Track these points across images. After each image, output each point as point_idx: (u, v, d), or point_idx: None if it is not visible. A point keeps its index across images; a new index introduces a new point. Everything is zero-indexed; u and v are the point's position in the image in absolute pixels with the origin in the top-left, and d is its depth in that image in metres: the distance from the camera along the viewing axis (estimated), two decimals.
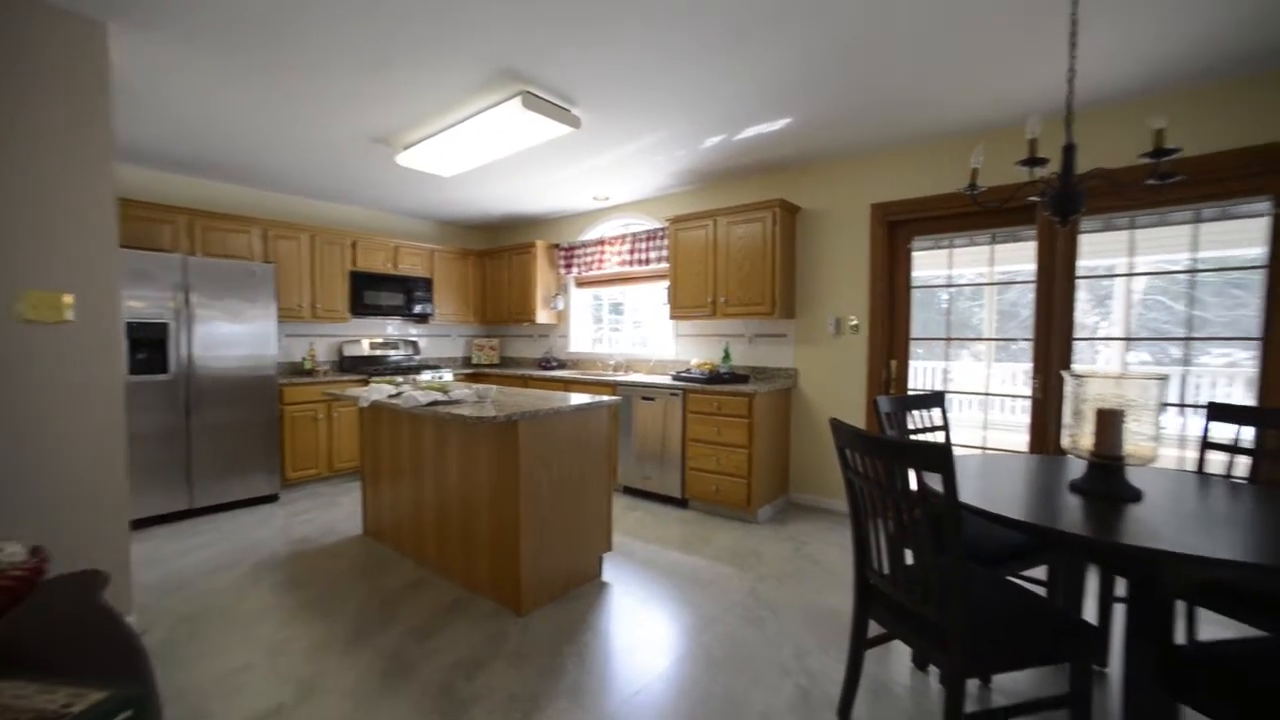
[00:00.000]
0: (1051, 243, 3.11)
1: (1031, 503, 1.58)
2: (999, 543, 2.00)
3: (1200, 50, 2.32)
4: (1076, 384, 1.74)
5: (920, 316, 3.67)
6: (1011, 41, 2.24)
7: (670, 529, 3.52)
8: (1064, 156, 1.62)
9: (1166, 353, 3.04)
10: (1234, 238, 2.75)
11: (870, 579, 1.65)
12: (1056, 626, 1.47)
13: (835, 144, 3.47)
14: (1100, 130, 2.83)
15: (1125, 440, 1.61)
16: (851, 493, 1.63)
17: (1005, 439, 3.46)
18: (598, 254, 5.04)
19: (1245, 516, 1.45)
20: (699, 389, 3.77)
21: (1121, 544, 1.26)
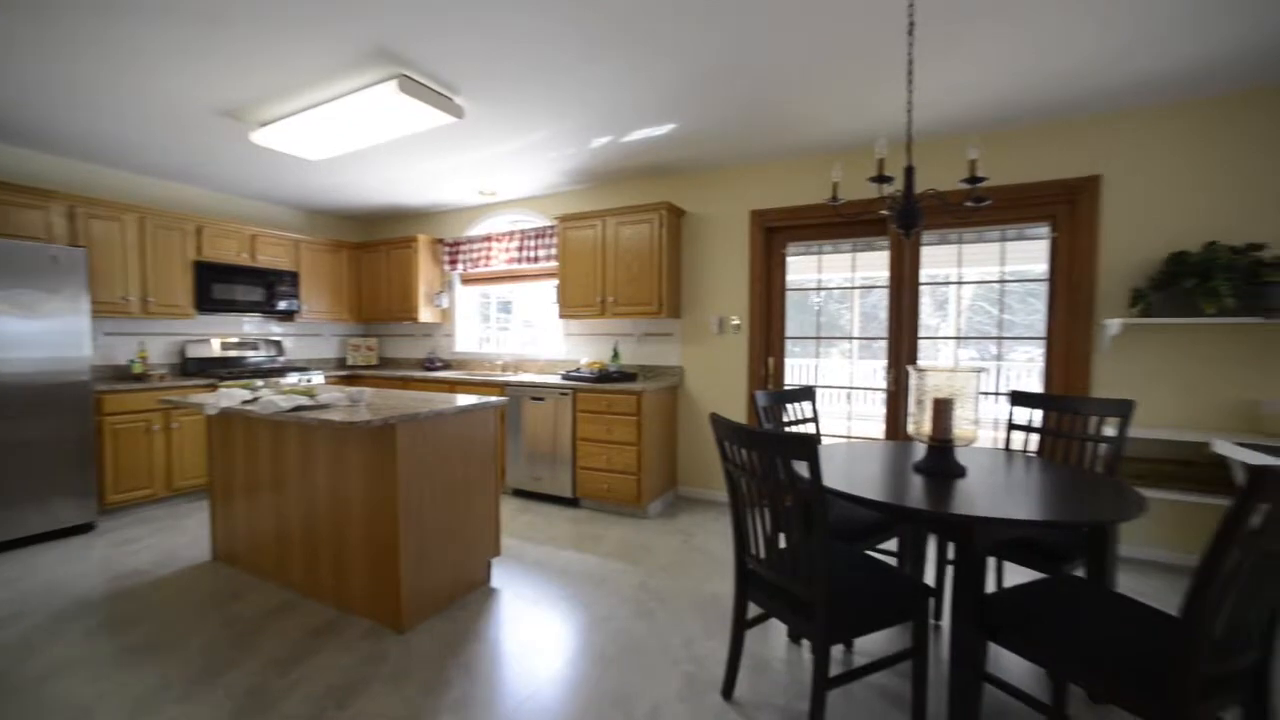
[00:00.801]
0: (901, 253, 3.52)
1: (883, 483, 1.77)
2: (859, 521, 2.22)
3: (1007, 99, 2.75)
4: (918, 377, 1.99)
5: (797, 317, 3.97)
6: (864, 77, 2.50)
7: (562, 529, 3.50)
8: (905, 177, 1.85)
9: (988, 350, 3.58)
10: (1030, 255, 3.30)
11: (749, 564, 1.76)
12: (903, 591, 1.67)
13: (718, 152, 3.65)
14: (934, 156, 3.25)
15: (954, 425, 1.87)
16: (731, 483, 1.73)
17: (867, 428, 3.86)
18: (484, 251, 4.87)
19: (1035, 484, 1.75)
20: (589, 388, 3.78)
21: (948, 513, 1.46)
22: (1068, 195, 3.06)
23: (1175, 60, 2.41)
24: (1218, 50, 2.33)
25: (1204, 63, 2.43)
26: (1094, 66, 2.46)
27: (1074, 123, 3.03)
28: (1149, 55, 2.37)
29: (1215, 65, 2.45)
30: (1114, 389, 2.97)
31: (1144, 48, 2.31)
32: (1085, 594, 1.60)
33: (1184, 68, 2.48)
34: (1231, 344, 2.78)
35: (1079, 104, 2.85)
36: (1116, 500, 1.57)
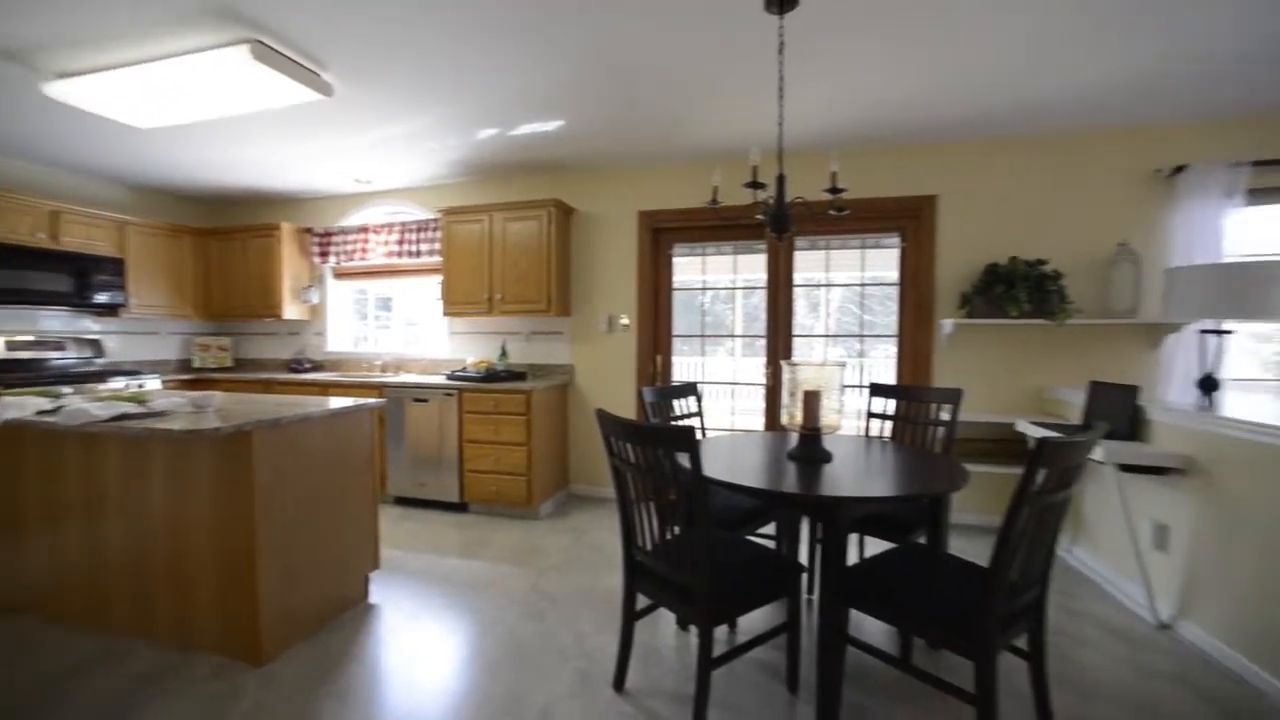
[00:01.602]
0: (776, 257, 3.79)
1: (760, 471, 1.90)
2: (740, 508, 2.36)
3: (863, 121, 3.07)
4: (791, 372, 2.15)
5: (685, 316, 4.12)
6: (741, 90, 2.66)
7: (448, 536, 3.35)
8: (777, 184, 2.00)
9: (854, 347, 3.97)
10: (885, 262, 3.70)
11: (636, 556, 1.80)
12: (778, 570, 1.80)
13: (607, 152, 3.68)
14: (802, 168, 3.48)
15: (822, 415, 2.05)
16: (618, 478, 1.76)
17: (749, 421, 4.11)
18: (360, 242, 4.51)
19: (887, 464, 1.98)
20: (476, 388, 3.65)
21: (814, 495, 1.60)
22: (913, 211, 3.48)
23: (989, 107, 2.83)
24: (1022, 101, 2.77)
25: (1011, 111, 2.88)
26: (931, 102, 2.82)
27: (917, 148, 3.45)
28: (971, 100, 2.76)
29: (1020, 114, 2.92)
30: (949, 379, 3.42)
31: (967, 93, 2.69)
32: (925, 558, 1.83)
33: (996, 114, 2.92)
34: (1027, 341, 3.33)
35: (921, 132, 3.26)
36: (949, 475, 1.81)
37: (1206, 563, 2.15)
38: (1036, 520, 1.43)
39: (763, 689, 1.93)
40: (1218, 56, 2.39)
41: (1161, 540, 2.36)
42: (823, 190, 2.06)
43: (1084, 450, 1.43)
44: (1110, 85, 2.66)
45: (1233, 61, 2.43)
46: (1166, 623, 2.31)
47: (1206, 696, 1.89)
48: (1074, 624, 2.36)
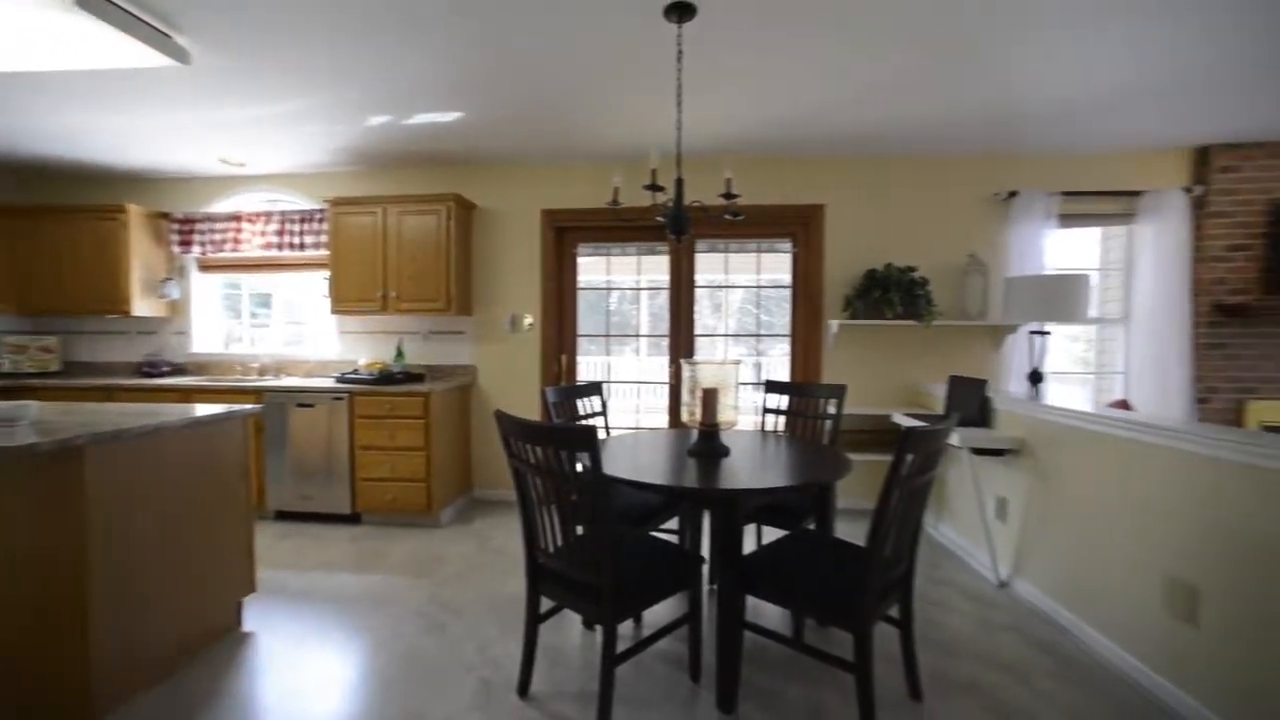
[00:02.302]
0: (679, 258, 3.90)
1: (661, 468, 1.95)
2: (644, 505, 2.40)
3: (759, 131, 3.24)
4: (690, 370, 2.23)
5: (591, 316, 4.12)
6: (643, 95, 2.71)
7: (339, 550, 3.11)
8: (676, 188, 2.06)
9: (754, 346, 4.18)
10: (779, 265, 3.94)
11: (539, 558, 1.79)
12: (680, 563, 1.86)
13: (510, 148, 3.59)
14: (700, 173, 3.53)
15: (720, 411, 2.14)
16: (518, 479, 1.73)
17: (654, 419, 4.20)
18: (232, 232, 4.05)
19: (780, 457, 2.11)
20: (369, 391, 3.42)
21: (710, 489, 1.68)
22: (804, 218, 3.73)
23: (867, 127, 3.11)
24: (891, 125, 3.06)
25: (884, 132, 3.18)
26: (817, 119, 3.04)
27: (808, 160, 3.70)
28: (850, 120, 3.01)
29: (892, 136, 3.23)
30: (837, 376, 3.71)
31: (847, 114, 2.93)
32: (813, 543, 1.98)
33: (873, 134, 3.21)
34: (901, 340, 3.70)
35: (810, 145, 3.50)
36: (833, 465, 1.97)
37: (1033, 528, 2.52)
38: (906, 501, 1.60)
39: (667, 679, 1.99)
40: (1031, 101, 2.79)
41: (1002, 511, 2.73)
42: (718, 195, 2.15)
43: (942, 437, 1.62)
44: (956, 119, 3.03)
45: (1044, 108, 2.87)
46: (1005, 581, 2.67)
47: (1033, 641, 2.21)
48: (937, 591, 2.65)
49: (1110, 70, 2.53)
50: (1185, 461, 1.80)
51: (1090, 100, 2.83)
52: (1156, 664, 1.89)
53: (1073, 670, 2.04)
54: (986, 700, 1.88)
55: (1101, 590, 2.13)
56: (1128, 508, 2.02)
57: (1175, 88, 2.72)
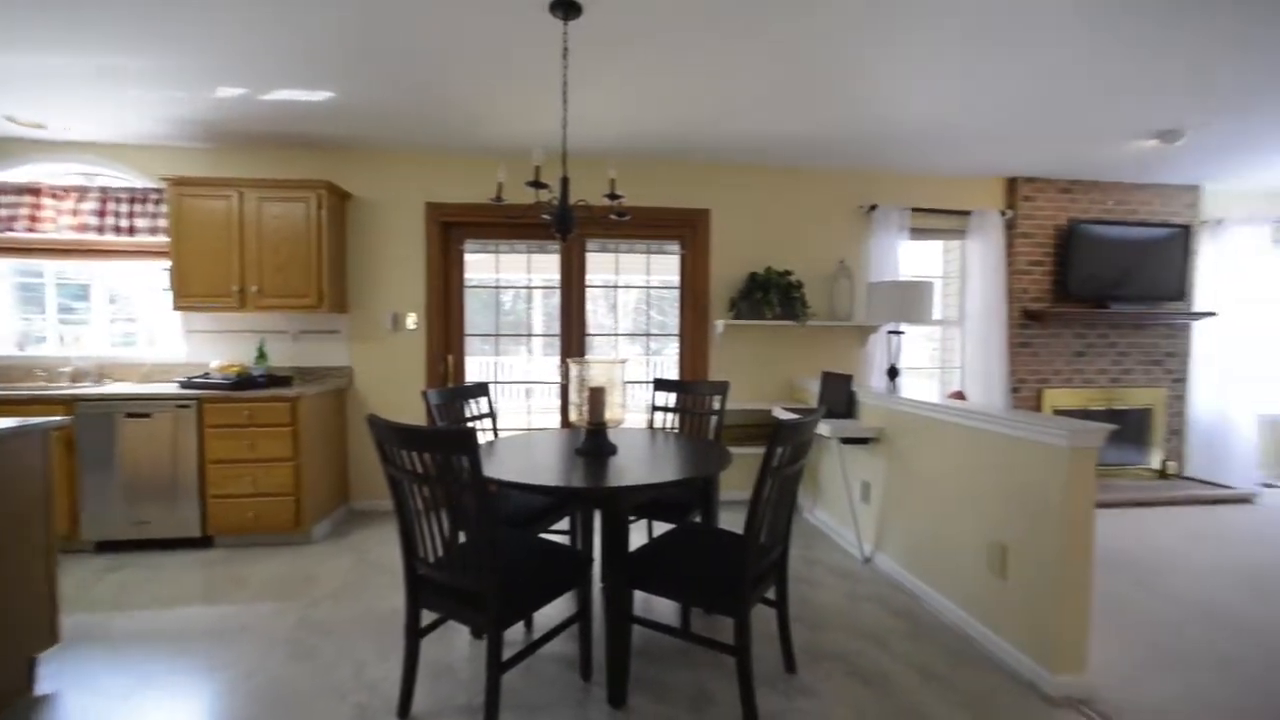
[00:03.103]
0: (570, 257, 3.89)
1: (547, 469, 1.94)
2: (533, 507, 2.37)
3: (646, 133, 3.32)
4: (577, 369, 2.24)
5: (483, 315, 3.98)
6: (529, 90, 2.67)
7: (182, 581, 2.74)
8: (561, 186, 2.05)
9: (649, 345, 4.26)
10: (669, 267, 4.07)
11: (419, 569, 1.70)
12: (568, 564, 1.86)
13: (390, 136, 3.37)
14: (587, 173, 3.42)
15: (607, 410, 2.17)
16: (394, 486, 1.63)
17: (548, 419, 4.14)
18: (28, 207, 3.39)
19: (667, 453, 2.18)
20: (223, 397, 3.05)
21: (592, 487, 1.69)
22: (690, 222, 3.88)
23: (746, 137, 3.30)
24: (766, 136, 3.28)
25: (763, 142, 3.39)
26: (699, 124, 3.18)
27: (694, 165, 3.85)
28: (730, 128, 3.18)
29: (770, 146, 3.45)
30: (723, 373, 3.90)
31: (725, 123, 3.09)
32: (697, 535, 2.07)
33: (754, 143, 3.41)
34: (780, 339, 3.97)
35: (696, 151, 3.64)
36: (715, 459, 2.07)
37: (890, 507, 2.82)
38: (779, 490, 1.72)
39: (558, 681, 1.98)
40: (886, 126, 3.14)
41: (866, 494, 3.03)
42: (603, 195, 2.18)
43: (810, 430, 1.76)
44: (825, 136, 3.32)
45: (897, 133, 3.23)
46: (869, 557, 2.97)
47: (891, 609, 2.47)
48: (811, 570, 2.88)
49: (948, 107, 2.90)
50: (1000, 442, 2.11)
51: (933, 130, 3.22)
52: (981, 615, 2.20)
53: (921, 630, 2.31)
54: (851, 666, 2.07)
55: (942, 558, 2.44)
56: (961, 484, 2.32)
57: (994, 127, 3.18)
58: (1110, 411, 4.35)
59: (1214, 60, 2.44)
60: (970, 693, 1.92)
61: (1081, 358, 4.35)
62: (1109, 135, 3.34)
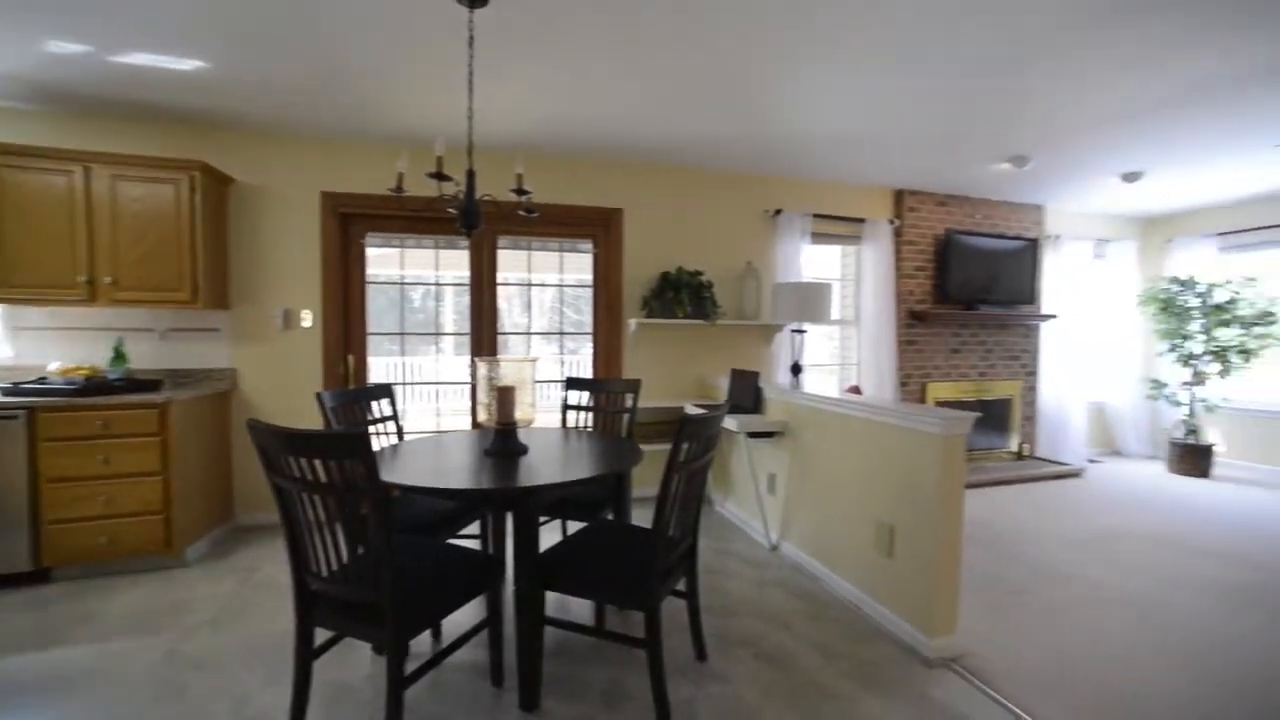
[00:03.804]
0: (480, 254, 3.76)
1: (453, 471, 1.86)
2: (440, 511, 2.27)
3: (557, 129, 3.29)
4: (486, 369, 2.17)
5: (391, 313, 3.75)
6: (432, 77, 2.55)
7: (6, 624, 2.34)
8: (467, 179, 1.98)
9: (564, 344, 4.21)
10: (582, 265, 4.05)
11: (311, 584, 1.57)
12: (475, 568, 1.80)
13: (279, 116, 3.09)
14: (500, 167, 3.38)
15: (516, 410, 2.12)
16: (281, 497, 1.50)
17: (459, 421, 3.99)
18: None
19: (578, 452, 2.17)
20: (64, 405, 2.65)
21: (499, 488, 1.65)
22: (603, 221, 3.88)
23: (657, 138, 3.36)
24: (674, 139, 3.36)
25: (673, 145, 3.47)
26: (610, 123, 3.20)
27: (607, 163, 3.86)
28: (640, 129, 3.23)
29: (680, 148, 3.54)
30: (636, 372, 3.94)
31: (639, 121, 3.13)
32: (609, 533, 2.07)
33: (664, 144, 3.48)
34: (692, 338, 4.08)
35: (609, 149, 3.65)
36: (626, 455, 2.08)
37: (793, 497, 2.99)
38: (686, 484, 1.77)
39: (468, 690, 1.91)
40: (790, 136, 3.32)
41: (772, 485, 3.18)
42: (509, 190, 2.13)
43: (714, 425, 1.82)
44: (732, 140, 3.45)
45: (800, 142, 3.43)
46: (775, 545, 3.12)
47: (795, 592, 2.62)
48: (721, 561, 2.99)
49: (846, 122, 3.12)
50: (887, 432, 2.30)
51: (833, 142, 3.45)
52: (872, 591, 2.39)
53: (820, 610, 2.46)
54: (758, 649, 2.17)
55: (839, 541, 2.62)
56: (856, 472, 2.51)
57: (885, 143, 3.47)
58: (980, 402, 4.88)
59: (1048, 99, 2.81)
60: (863, 663, 2.07)
61: (957, 354, 4.84)
62: (974, 157, 3.74)
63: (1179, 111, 2.99)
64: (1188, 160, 3.78)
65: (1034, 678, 1.97)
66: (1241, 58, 2.46)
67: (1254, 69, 2.55)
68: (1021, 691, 1.89)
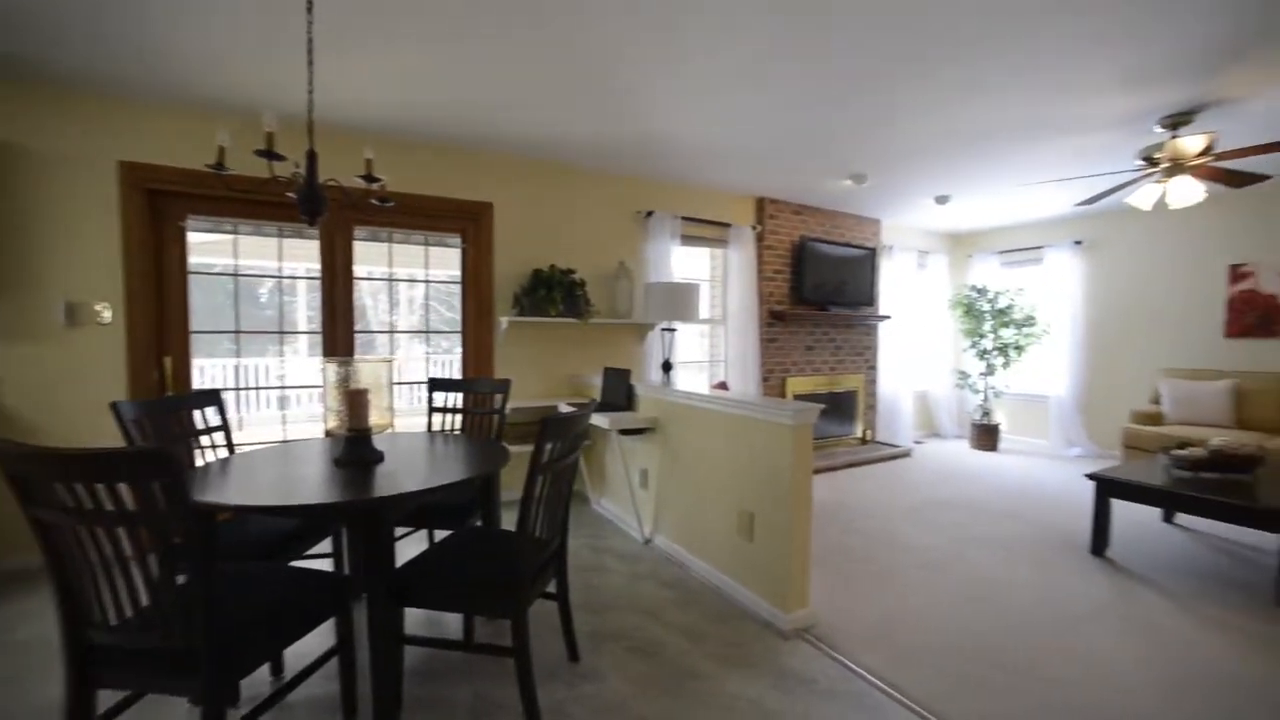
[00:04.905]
0: (331, 245, 3.41)
1: (296, 485, 1.66)
2: (282, 532, 2.02)
3: (404, 116, 3.08)
4: (337, 370, 1.97)
5: (229, 310, 3.25)
6: (262, 37, 2.26)
7: None
8: (308, 161, 1.77)
9: (436, 344, 3.94)
10: (450, 261, 3.85)
11: (95, 638, 1.30)
12: (319, 592, 1.62)
13: (59, 64, 2.53)
14: (348, 151, 3.16)
15: (372, 414, 1.95)
16: (44, 534, 1.23)
17: (313, 429, 3.58)
18: None
19: (440, 457, 2.05)
20: None
21: (349, 501, 1.51)
22: (472, 214, 3.71)
23: (527, 133, 3.29)
24: (548, 131, 3.31)
25: (544, 141, 3.42)
26: (478, 113, 3.06)
27: (477, 155, 3.70)
28: (514, 124, 3.13)
29: (553, 145, 3.49)
30: (509, 372, 3.82)
31: (510, 113, 3.04)
32: (472, 539, 1.98)
33: (535, 140, 3.41)
34: (565, 337, 4.06)
35: (478, 141, 3.50)
36: (491, 458, 2.00)
37: (665, 490, 3.09)
38: (552, 484, 1.74)
39: None
40: (660, 139, 3.43)
41: (645, 481, 3.26)
42: (357, 177, 1.95)
43: (579, 423, 1.82)
44: (602, 140, 3.48)
45: (670, 146, 3.55)
46: (649, 539, 3.21)
47: (666, 583, 2.71)
48: (596, 558, 3.00)
49: (715, 130, 3.27)
50: (748, 424, 2.46)
51: (703, 148, 3.61)
52: (736, 575, 2.54)
53: (689, 598, 2.57)
54: (630, 642, 2.21)
55: (706, 529, 2.75)
56: (720, 463, 2.64)
57: (746, 153, 3.70)
58: (831, 394, 5.41)
59: (878, 127, 3.19)
60: (727, 642, 2.20)
61: (812, 351, 5.32)
62: (822, 173, 4.14)
63: (972, 147, 3.56)
64: (980, 189, 4.52)
65: (869, 635, 2.22)
66: (1016, 111, 2.99)
67: (1024, 122, 3.12)
68: (858, 648, 2.12)
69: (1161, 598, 2.56)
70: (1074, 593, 2.60)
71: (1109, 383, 5.32)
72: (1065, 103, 2.89)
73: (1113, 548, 3.10)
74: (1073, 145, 3.48)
